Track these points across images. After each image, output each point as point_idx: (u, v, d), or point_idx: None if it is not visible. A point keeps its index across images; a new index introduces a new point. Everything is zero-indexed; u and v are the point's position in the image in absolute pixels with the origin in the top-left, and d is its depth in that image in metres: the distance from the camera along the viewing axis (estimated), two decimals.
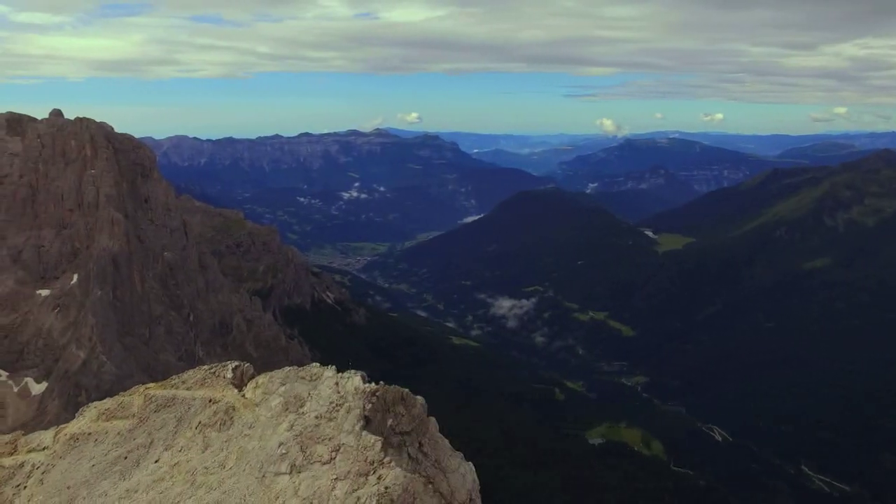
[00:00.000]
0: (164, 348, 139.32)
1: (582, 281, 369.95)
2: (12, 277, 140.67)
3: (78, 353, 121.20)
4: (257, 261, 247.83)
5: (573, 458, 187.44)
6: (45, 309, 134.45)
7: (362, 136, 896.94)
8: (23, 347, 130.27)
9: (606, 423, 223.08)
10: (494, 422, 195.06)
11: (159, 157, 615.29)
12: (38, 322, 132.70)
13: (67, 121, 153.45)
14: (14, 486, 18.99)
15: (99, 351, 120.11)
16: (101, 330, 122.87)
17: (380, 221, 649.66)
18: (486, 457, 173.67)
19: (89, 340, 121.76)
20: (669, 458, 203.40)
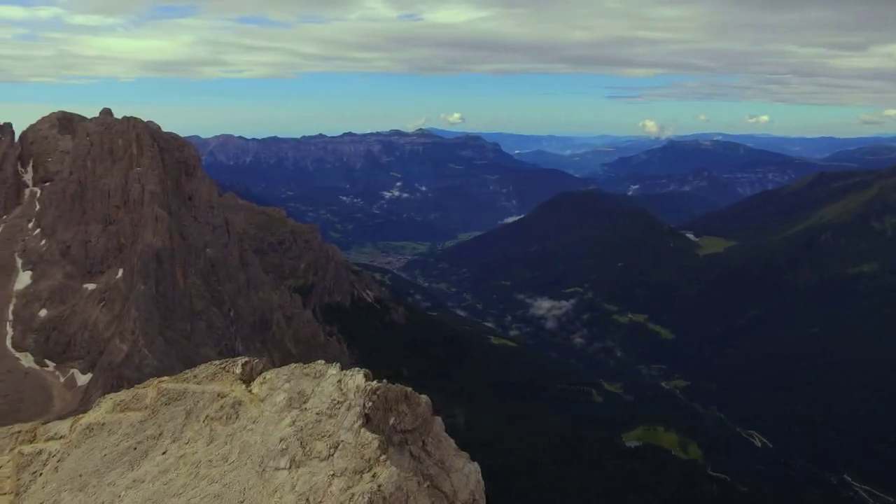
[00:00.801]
0: (204, 343, 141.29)
1: (622, 283, 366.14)
2: (61, 271, 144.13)
3: (121, 345, 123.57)
4: (299, 258, 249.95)
5: (609, 459, 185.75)
6: (92, 302, 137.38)
7: (405, 137, 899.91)
8: (69, 339, 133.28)
9: (643, 426, 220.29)
10: (529, 421, 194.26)
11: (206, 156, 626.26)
12: (84, 315, 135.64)
13: (115, 120, 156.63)
14: (31, 472, 19.28)
15: (141, 344, 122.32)
16: (143, 324, 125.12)
17: (421, 221, 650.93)
18: (520, 456, 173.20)
19: (132, 334, 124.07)
20: (707, 463, 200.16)
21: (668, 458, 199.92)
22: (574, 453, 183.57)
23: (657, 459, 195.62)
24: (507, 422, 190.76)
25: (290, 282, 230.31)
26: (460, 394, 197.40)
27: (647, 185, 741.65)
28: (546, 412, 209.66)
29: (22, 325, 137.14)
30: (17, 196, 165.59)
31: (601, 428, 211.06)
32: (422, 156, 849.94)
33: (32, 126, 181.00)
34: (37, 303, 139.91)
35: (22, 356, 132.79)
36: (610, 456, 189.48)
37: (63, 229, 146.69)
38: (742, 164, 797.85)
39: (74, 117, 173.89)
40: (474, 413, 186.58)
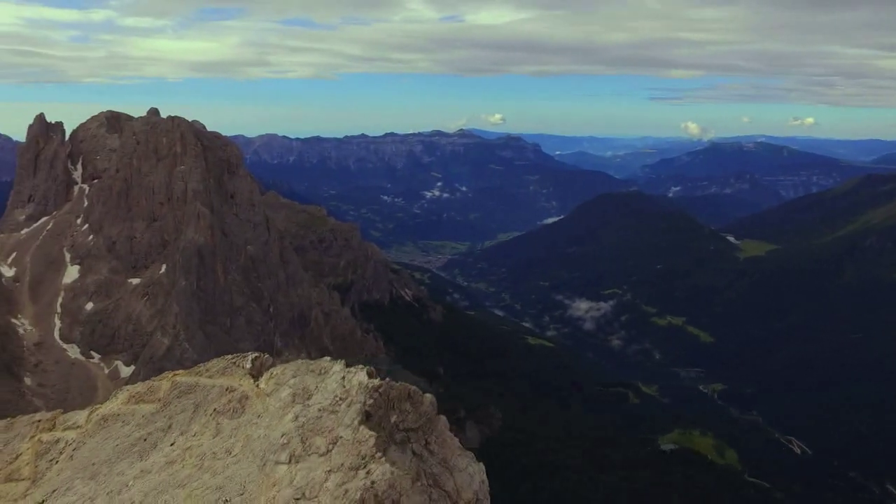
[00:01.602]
0: (244, 338, 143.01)
1: (661, 285, 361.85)
2: (107, 266, 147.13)
3: (163, 339, 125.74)
4: (338, 256, 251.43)
5: (643, 462, 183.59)
6: (135, 297, 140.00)
7: (446, 137, 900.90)
8: (114, 332, 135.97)
9: (679, 429, 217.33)
10: (565, 422, 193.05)
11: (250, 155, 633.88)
12: (128, 309, 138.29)
13: (160, 119, 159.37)
14: (48, 460, 19.70)
15: (182, 338, 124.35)
16: (184, 318, 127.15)
17: (461, 221, 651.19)
18: (555, 456, 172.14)
19: (173, 328, 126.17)
20: (744, 468, 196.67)
21: (704, 462, 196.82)
22: (608, 455, 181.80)
23: (692, 464, 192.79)
24: (543, 421, 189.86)
25: (329, 279, 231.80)
26: (496, 393, 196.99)
27: (689, 188, 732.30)
28: (581, 413, 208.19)
29: (69, 318, 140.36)
30: (66, 193, 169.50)
31: (637, 430, 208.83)
32: (463, 156, 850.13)
33: (82, 125, 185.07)
34: (84, 296, 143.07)
35: (69, 348, 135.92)
36: (645, 459, 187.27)
37: (109, 225, 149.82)
38: (786, 167, 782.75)
39: (122, 116, 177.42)
40: (510, 412, 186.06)
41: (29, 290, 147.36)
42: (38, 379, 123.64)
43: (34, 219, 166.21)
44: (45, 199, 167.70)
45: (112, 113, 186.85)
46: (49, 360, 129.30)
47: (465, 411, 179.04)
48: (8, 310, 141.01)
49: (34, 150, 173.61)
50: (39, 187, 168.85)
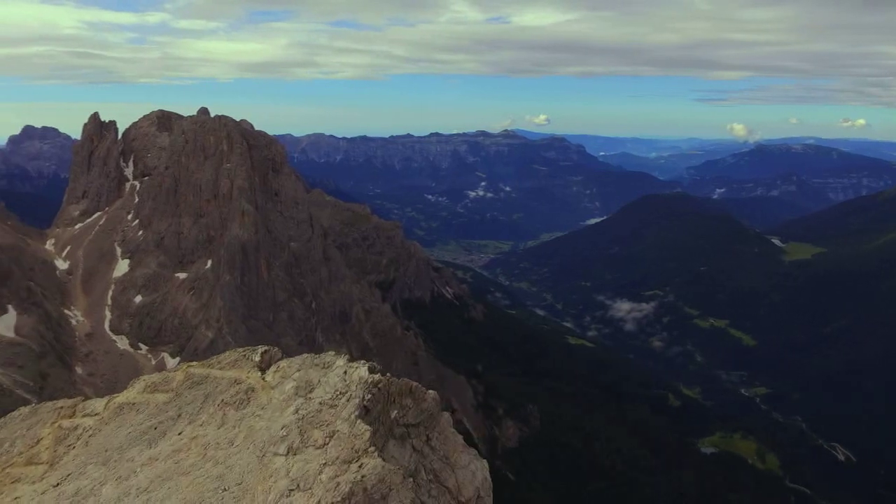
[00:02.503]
0: (286, 333, 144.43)
1: (704, 287, 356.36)
2: (155, 261, 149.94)
3: (207, 332, 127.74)
4: (381, 254, 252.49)
5: (683, 464, 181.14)
6: (182, 291, 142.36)
7: (490, 137, 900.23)
8: (161, 325, 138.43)
9: (720, 433, 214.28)
10: (603, 422, 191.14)
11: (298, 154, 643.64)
12: (174, 302, 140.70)
13: (208, 118, 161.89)
14: (66, 445, 20.16)
15: (225, 332, 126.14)
16: (227, 312, 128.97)
17: (504, 220, 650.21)
18: (592, 456, 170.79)
19: (217, 322, 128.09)
20: (785, 474, 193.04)
21: (745, 466, 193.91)
22: (647, 457, 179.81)
23: (733, 467, 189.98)
24: (581, 422, 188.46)
25: (372, 277, 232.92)
26: (535, 392, 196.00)
27: (734, 189, 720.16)
28: (621, 414, 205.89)
29: (119, 310, 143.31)
30: (118, 189, 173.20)
31: (677, 432, 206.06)
32: (507, 156, 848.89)
33: (134, 124, 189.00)
34: (133, 289, 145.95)
35: (118, 339, 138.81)
36: (684, 461, 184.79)
37: (158, 221, 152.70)
38: (835, 169, 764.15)
39: (172, 115, 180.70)
40: (548, 411, 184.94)
41: (81, 282, 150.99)
42: (89, 368, 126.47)
43: (88, 214, 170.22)
44: (98, 196, 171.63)
45: (163, 112, 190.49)
46: (99, 350, 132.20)
47: (503, 410, 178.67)
48: (62, 301, 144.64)
49: (88, 148, 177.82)
50: (93, 184, 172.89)
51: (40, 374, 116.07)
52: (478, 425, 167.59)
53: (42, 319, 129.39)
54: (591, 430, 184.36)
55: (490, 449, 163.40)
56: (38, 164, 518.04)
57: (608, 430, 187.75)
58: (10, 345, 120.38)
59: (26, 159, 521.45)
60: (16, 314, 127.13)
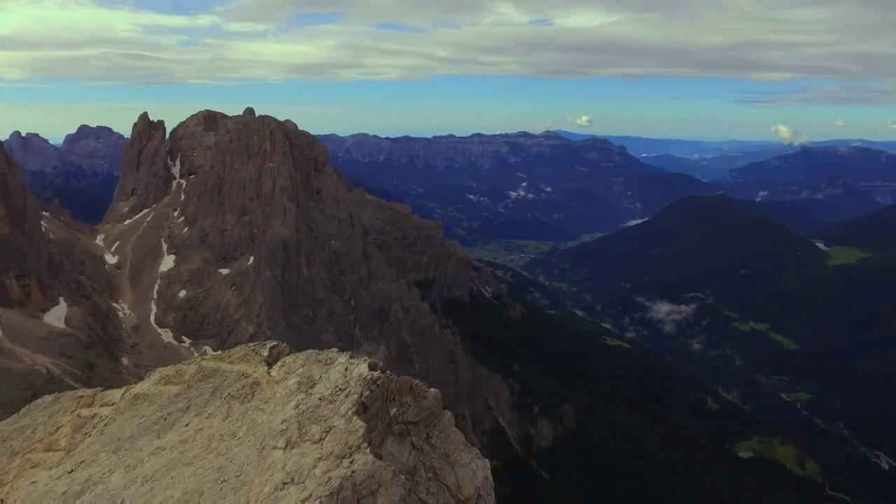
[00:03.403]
0: (325, 329, 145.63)
1: (744, 290, 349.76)
2: (199, 256, 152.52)
3: (247, 327, 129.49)
4: (421, 253, 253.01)
5: (718, 468, 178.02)
6: (224, 286, 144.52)
7: (532, 138, 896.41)
8: (203, 319, 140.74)
9: (758, 438, 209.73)
10: (639, 424, 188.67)
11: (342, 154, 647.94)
12: (217, 297, 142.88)
13: (252, 118, 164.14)
14: (83, 433, 20.59)
15: (265, 327, 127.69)
16: (268, 308, 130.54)
17: (545, 221, 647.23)
18: (627, 458, 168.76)
19: (257, 317, 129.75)
20: (825, 481, 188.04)
21: (783, 472, 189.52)
22: (683, 459, 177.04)
23: (770, 473, 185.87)
24: (617, 423, 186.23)
25: (412, 275, 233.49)
26: (571, 392, 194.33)
27: (777, 192, 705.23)
28: (657, 416, 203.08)
29: (164, 304, 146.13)
30: (165, 187, 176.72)
31: (713, 436, 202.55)
32: (548, 157, 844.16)
33: (182, 123, 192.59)
34: (177, 284, 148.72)
35: (163, 332, 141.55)
36: (720, 465, 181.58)
37: (203, 218, 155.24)
38: (883, 172, 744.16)
39: (218, 115, 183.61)
40: (584, 412, 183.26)
41: (129, 276, 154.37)
42: (134, 360, 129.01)
43: (136, 211, 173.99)
44: (146, 193, 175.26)
45: (209, 112, 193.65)
46: (144, 342, 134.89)
47: (539, 409, 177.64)
48: (110, 294, 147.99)
49: (137, 147, 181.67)
50: (141, 181, 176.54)
51: (88, 364, 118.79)
52: (513, 424, 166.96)
53: (91, 311, 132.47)
54: (626, 431, 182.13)
55: (524, 448, 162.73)
56: (92, 163, 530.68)
57: (643, 431, 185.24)
58: (61, 335, 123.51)
59: (81, 157, 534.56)
60: (66, 306, 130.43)
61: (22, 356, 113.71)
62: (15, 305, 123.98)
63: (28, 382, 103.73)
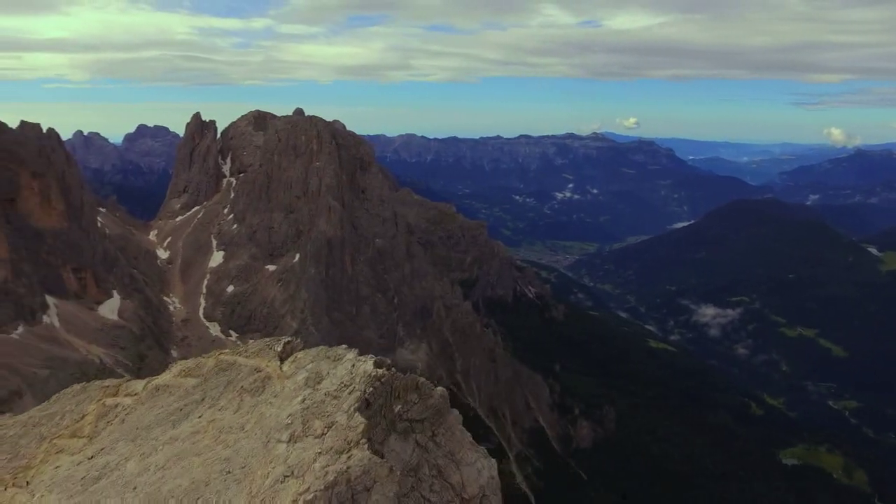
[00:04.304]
0: (367, 326, 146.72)
1: (792, 295, 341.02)
2: (247, 253, 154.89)
3: (291, 322, 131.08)
4: (465, 252, 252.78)
5: (762, 475, 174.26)
6: (271, 282, 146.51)
7: (579, 140, 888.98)
8: (250, 314, 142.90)
9: (804, 445, 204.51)
10: (681, 427, 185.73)
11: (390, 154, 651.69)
12: (264, 293, 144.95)
13: (300, 118, 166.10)
14: (106, 421, 21.07)
15: (309, 322, 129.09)
16: (312, 304, 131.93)
17: (590, 222, 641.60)
18: (668, 462, 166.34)
19: (301, 313, 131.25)
20: (873, 492, 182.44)
21: (829, 481, 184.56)
22: (725, 465, 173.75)
23: (815, 481, 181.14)
24: (658, 426, 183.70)
25: (455, 274, 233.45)
26: (612, 394, 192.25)
27: (829, 196, 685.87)
28: (699, 420, 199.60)
29: (213, 299, 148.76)
30: (216, 185, 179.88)
31: (758, 442, 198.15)
32: (595, 159, 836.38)
33: (233, 123, 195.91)
34: (226, 279, 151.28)
35: (211, 325, 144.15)
36: (764, 472, 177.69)
37: (251, 215, 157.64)
38: None
39: (267, 116, 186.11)
40: (625, 414, 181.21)
41: (180, 271, 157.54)
42: (183, 352, 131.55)
43: (188, 208, 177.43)
44: (197, 190, 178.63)
45: (259, 112, 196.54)
46: (193, 335, 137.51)
47: (579, 410, 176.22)
48: (161, 288, 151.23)
49: (190, 146, 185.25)
50: (193, 179, 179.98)
51: (139, 355, 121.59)
52: (552, 424, 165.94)
53: (143, 305, 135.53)
54: (667, 434, 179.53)
55: (563, 448, 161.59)
56: (149, 161, 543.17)
57: (685, 435, 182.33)
58: (114, 327, 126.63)
59: (139, 156, 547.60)
60: (120, 299, 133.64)
61: (77, 346, 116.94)
62: (72, 297, 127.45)
63: (82, 372, 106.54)
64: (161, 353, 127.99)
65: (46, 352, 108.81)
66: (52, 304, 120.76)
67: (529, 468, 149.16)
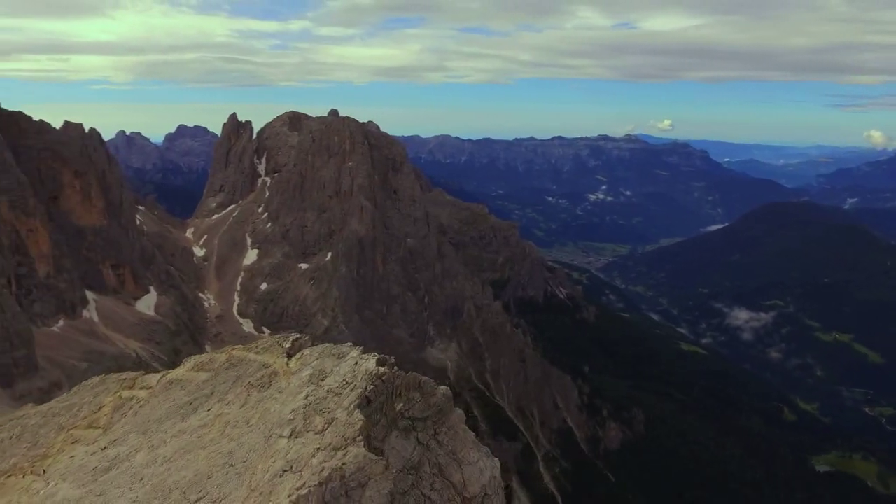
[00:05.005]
0: (398, 324, 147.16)
1: (828, 299, 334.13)
2: (281, 251, 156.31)
3: (322, 320, 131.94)
4: (497, 253, 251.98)
5: (793, 481, 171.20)
6: (303, 280, 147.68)
7: (612, 141, 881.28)
8: (283, 311, 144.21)
9: (838, 452, 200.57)
10: (711, 431, 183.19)
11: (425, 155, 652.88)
12: (296, 291, 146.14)
13: (334, 119, 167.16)
14: (121, 413, 21.39)
15: (340, 320, 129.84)
16: (343, 302, 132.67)
17: (623, 224, 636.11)
18: (698, 466, 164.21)
19: (332, 311, 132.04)
20: None
21: (864, 489, 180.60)
22: (756, 470, 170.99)
23: (850, 489, 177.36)
24: (688, 429, 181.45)
25: (487, 275, 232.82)
26: (642, 396, 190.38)
27: (868, 199, 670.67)
28: (731, 424, 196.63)
29: (246, 296, 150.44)
30: (251, 184, 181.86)
31: (790, 448, 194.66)
32: (628, 161, 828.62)
33: (268, 124, 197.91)
34: (259, 277, 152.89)
35: (244, 322, 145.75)
36: (796, 478, 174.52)
37: (285, 215, 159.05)
38: None
39: (302, 116, 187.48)
40: (654, 416, 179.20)
41: (215, 268, 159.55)
42: (217, 348, 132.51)
43: (223, 206, 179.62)
44: (233, 189, 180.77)
45: (294, 113, 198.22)
46: (227, 331, 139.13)
47: (608, 411, 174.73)
48: (197, 285, 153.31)
49: (226, 146, 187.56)
50: (229, 179, 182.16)
51: (174, 350, 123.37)
52: (581, 425, 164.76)
53: (179, 301, 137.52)
54: (697, 438, 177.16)
55: (592, 449, 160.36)
56: (188, 160, 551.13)
57: (716, 439, 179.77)
58: (151, 322, 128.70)
59: (179, 155, 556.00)
60: (156, 295, 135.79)
61: (115, 340, 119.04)
62: (110, 293, 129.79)
63: (119, 365, 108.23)
64: (195, 348, 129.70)
65: (86, 345, 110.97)
66: (92, 298, 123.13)
67: (557, 468, 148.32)
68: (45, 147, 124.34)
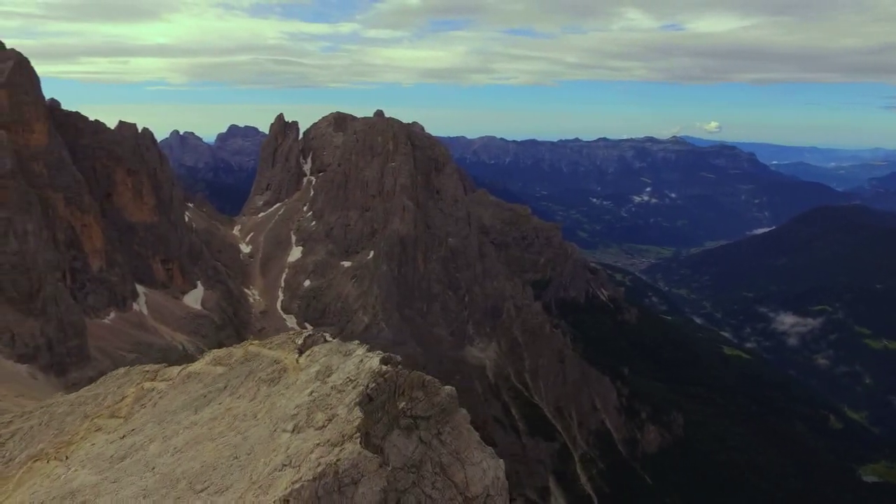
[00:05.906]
0: (438, 323, 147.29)
1: (879, 306, 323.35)
2: (324, 249, 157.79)
3: (363, 317, 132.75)
4: (539, 253, 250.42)
5: (839, 490, 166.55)
6: (345, 278, 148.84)
7: (658, 143, 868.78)
8: (325, 308, 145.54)
9: (887, 462, 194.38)
10: (753, 437, 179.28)
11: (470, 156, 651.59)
12: (338, 288, 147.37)
13: (378, 119, 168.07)
14: (141, 404, 21.80)
15: (380, 318, 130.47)
16: (383, 300, 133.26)
17: (667, 226, 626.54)
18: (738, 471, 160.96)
19: (373, 308, 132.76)
20: None
21: None
22: (799, 478, 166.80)
23: None
24: (729, 434, 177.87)
25: (529, 275, 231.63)
26: (682, 399, 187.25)
27: None
28: (774, 430, 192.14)
29: (290, 292, 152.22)
30: (297, 183, 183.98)
31: (836, 456, 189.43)
32: (674, 163, 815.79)
33: (314, 124, 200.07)
34: (303, 274, 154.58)
35: (287, 318, 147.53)
36: (841, 487, 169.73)
37: (329, 213, 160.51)
38: None
39: (347, 117, 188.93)
40: (694, 420, 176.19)
41: (260, 265, 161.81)
42: None
43: (270, 204, 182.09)
44: (279, 188, 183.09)
45: (339, 114, 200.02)
46: (270, 327, 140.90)
47: (646, 414, 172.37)
48: (242, 281, 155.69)
49: (273, 146, 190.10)
50: (275, 177, 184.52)
51: (219, 343, 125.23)
52: (619, 427, 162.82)
53: (225, 296, 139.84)
54: (738, 443, 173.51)
55: (629, 451, 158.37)
56: (239, 159, 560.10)
57: (756, 445, 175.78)
58: (197, 316, 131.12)
59: (230, 155, 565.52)
60: (203, 289, 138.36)
61: (163, 333, 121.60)
62: (159, 287, 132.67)
63: (165, 357, 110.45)
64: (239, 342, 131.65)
65: (135, 337, 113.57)
66: (142, 292, 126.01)
67: (594, 470, 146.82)
68: (100, 146, 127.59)
